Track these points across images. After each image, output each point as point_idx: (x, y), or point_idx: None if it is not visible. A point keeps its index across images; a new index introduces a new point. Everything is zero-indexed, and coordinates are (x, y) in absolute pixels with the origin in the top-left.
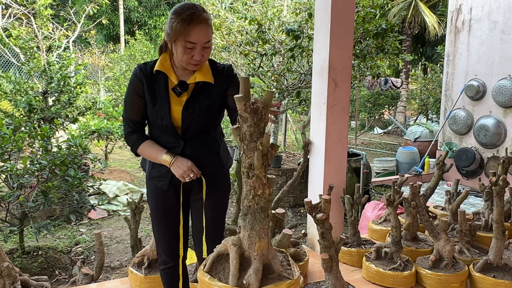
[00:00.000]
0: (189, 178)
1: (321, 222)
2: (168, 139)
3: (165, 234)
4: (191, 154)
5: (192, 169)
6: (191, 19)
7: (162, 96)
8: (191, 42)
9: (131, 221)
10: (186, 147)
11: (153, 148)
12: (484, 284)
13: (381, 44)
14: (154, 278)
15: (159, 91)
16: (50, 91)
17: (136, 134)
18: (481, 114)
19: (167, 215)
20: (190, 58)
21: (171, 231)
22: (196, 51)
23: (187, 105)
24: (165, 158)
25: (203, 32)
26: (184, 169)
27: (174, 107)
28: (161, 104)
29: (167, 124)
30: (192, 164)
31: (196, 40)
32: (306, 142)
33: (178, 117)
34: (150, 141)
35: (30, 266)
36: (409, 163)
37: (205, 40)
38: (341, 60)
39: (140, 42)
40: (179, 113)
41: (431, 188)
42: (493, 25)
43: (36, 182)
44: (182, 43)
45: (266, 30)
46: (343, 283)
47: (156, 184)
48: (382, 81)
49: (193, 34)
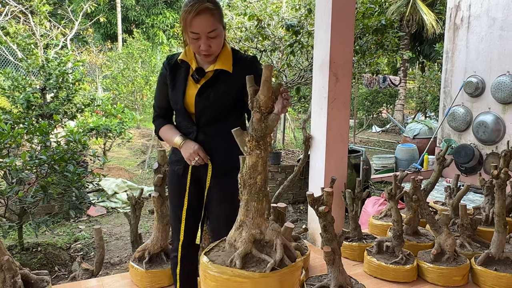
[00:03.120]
0: (195, 162)
1: (324, 215)
2: (185, 125)
3: (174, 219)
4: (203, 141)
5: (199, 153)
6: (191, 10)
7: (180, 82)
8: (193, 33)
9: (131, 216)
10: (199, 133)
11: (170, 131)
12: (486, 278)
13: (380, 40)
14: (155, 273)
15: (179, 78)
16: (49, 88)
17: (161, 118)
18: (480, 110)
19: (177, 201)
20: (198, 48)
21: (179, 216)
22: (202, 41)
23: (201, 91)
24: (177, 140)
25: (204, 22)
26: (190, 152)
27: (189, 92)
28: (177, 89)
29: (180, 108)
30: (199, 148)
31: (198, 30)
32: (306, 137)
33: (191, 102)
34: (170, 125)
35: (29, 262)
36: (408, 160)
37: (208, 30)
38: (342, 54)
39: (138, 40)
40: (192, 98)
41: (432, 183)
42: (492, 22)
43: (35, 178)
44: (188, 33)
45: (266, 26)
46: (345, 276)
47: (174, 168)
48: (381, 79)
49: (194, 24)
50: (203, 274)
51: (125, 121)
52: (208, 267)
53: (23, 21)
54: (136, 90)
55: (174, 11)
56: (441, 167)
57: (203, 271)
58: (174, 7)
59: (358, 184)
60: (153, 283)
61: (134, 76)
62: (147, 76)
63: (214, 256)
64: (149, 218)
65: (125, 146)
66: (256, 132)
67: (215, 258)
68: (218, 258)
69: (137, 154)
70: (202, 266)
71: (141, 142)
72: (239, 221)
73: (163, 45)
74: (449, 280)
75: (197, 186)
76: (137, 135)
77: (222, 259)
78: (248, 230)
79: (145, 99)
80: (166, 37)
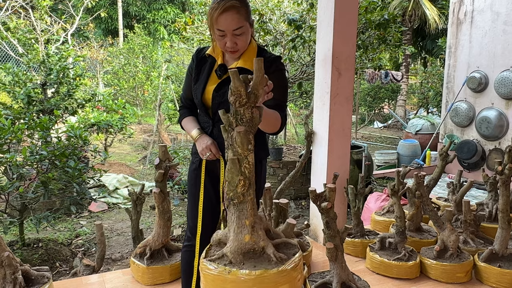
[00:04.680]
0: (207, 157)
1: (326, 211)
2: (203, 119)
3: (191, 211)
4: (218, 136)
5: (211, 148)
6: (218, 7)
7: (204, 76)
8: (220, 30)
9: (133, 212)
10: (214, 128)
11: (190, 124)
12: (490, 274)
13: (383, 35)
14: (156, 269)
15: (204, 72)
16: (49, 83)
17: (184, 109)
18: (483, 106)
19: (195, 192)
20: (224, 45)
21: (196, 209)
22: (228, 38)
23: (219, 86)
24: (193, 133)
25: (230, 19)
26: (202, 147)
27: (209, 87)
28: (199, 83)
29: (198, 102)
30: (212, 144)
31: (224, 27)
32: (309, 132)
33: (209, 97)
34: (192, 117)
35: (31, 258)
36: (410, 156)
37: (233, 27)
38: (344, 48)
39: (138, 36)
40: (210, 93)
41: (434, 179)
42: (496, 16)
43: (36, 174)
44: (214, 30)
45: (267, 21)
46: (348, 272)
47: (193, 160)
48: (383, 74)
49: (220, 22)
50: (203, 274)
51: (126, 116)
52: (207, 267)
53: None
54: (137, 85)
55: (175, 6)
56: (444, 163)
57: (202, 270)
58: (175, 2)
59: (361, 180)
60: (154, 279)
61: (135, 71)
62: (148, 71)
63: (213, 255)
64: (150, 213)
65: (126, 141)
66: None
67: (213, 257)
68: (216, 258)
69: (138, 149)
70: (201, 266)
71: (142, 137)
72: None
73: (164, 41)
74: (452, 277)
75: (213, 179)
76: (139, 131)
77: (220, 258)
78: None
79: (146, 94)
80: (167, 32)
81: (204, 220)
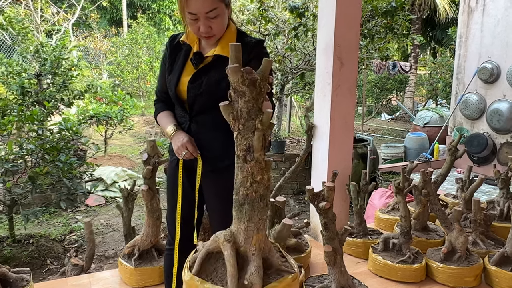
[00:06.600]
0: (184, 156)
1: (324, 212)
2: (179, 113)
3: (170, 214)
4: (196, 132)
5: (187, 146)
6: None
7: (178, 66)
8: (191, 13)
9: (124, 209)
10: (192, 123)
11: (166, 119)
12: (501, 279)
13: (390, 23)
14: (144, 270)
15: (178, 61)
16: (44, 73)
17: (160, 103)
18: (494, 98)
19: (173, 192)
20: (197, 30)
21: (175, 213)
22: (201, 22)
23: (194, 78)
24: (168, 130)
25: (201, 1)
26: (178, 145)
27: (184, 79)
28: (173, 74)
29: (173, 95)
30: (188, 141)
31: (195, 10)
32: (309, 126)
33: (184, 89)
34: (167, 112)
35: (20, 255)
36: (418, 150)
37: (206, 10)
38: (347, 37)
39: (143, 26)
40: (185, 85)
41: (443, 175)
42: (509, 3)
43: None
44: (186, 14)
45: (269, 8)
46: (347, 277)
47: (170, 159)
48: (390, 65)
49: (190, 4)
50: None
51: (126, 108)
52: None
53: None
54: (140, 76)
55: None
56: (453, 158)
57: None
58: None
59: (364, 176)
60: (143, 281)
61: (138, 62)
62: (151, 62)
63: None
64: None
65: (128, 133)
66: (257, 152)
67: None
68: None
69: (140, 141)
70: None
71: (145, 129)
72: None
73: (169, 31)
74: (460, 281)
75: (192, 179)
76: (141, 122)
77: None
78: None
79: (149, 85)
80: (172, 22)
81: (183, 225)
